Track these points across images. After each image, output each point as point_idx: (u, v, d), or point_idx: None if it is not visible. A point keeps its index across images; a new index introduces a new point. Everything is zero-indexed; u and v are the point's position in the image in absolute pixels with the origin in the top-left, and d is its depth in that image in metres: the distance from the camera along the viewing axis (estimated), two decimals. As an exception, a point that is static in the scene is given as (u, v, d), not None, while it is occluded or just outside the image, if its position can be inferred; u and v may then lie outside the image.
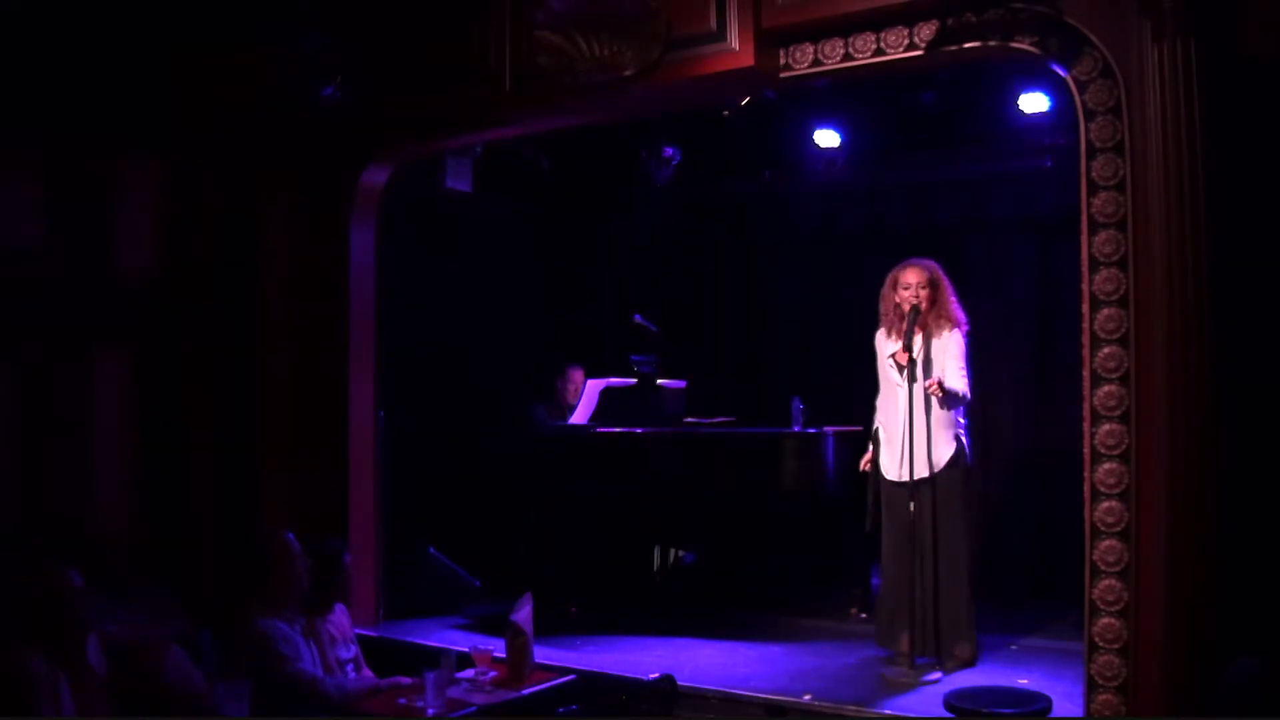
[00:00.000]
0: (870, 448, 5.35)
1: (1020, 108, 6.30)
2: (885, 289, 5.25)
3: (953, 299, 5.19)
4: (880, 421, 5.29)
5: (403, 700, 3.98)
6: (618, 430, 6.19)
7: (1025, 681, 4.83)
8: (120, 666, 3.50)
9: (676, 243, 8.49)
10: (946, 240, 7.03)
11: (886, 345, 5.24)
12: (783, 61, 4.92)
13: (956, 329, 5.14)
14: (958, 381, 5.03)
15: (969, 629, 5.12)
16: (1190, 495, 3.94)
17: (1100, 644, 4.16)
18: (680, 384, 6.74)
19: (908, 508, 4.96)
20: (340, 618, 4.43)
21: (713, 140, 7.36)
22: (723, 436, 6.22)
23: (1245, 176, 4.03)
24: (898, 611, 5.09)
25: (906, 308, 5.08)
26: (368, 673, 4.43)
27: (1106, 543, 4.15)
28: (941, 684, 4.82)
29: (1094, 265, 4.22)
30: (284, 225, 6.34)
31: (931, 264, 5.21)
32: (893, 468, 5.15)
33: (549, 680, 4.32)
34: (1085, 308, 4.24)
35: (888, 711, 4.53)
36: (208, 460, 6.27)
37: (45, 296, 5.81)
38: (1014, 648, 5.52)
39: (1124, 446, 4.13)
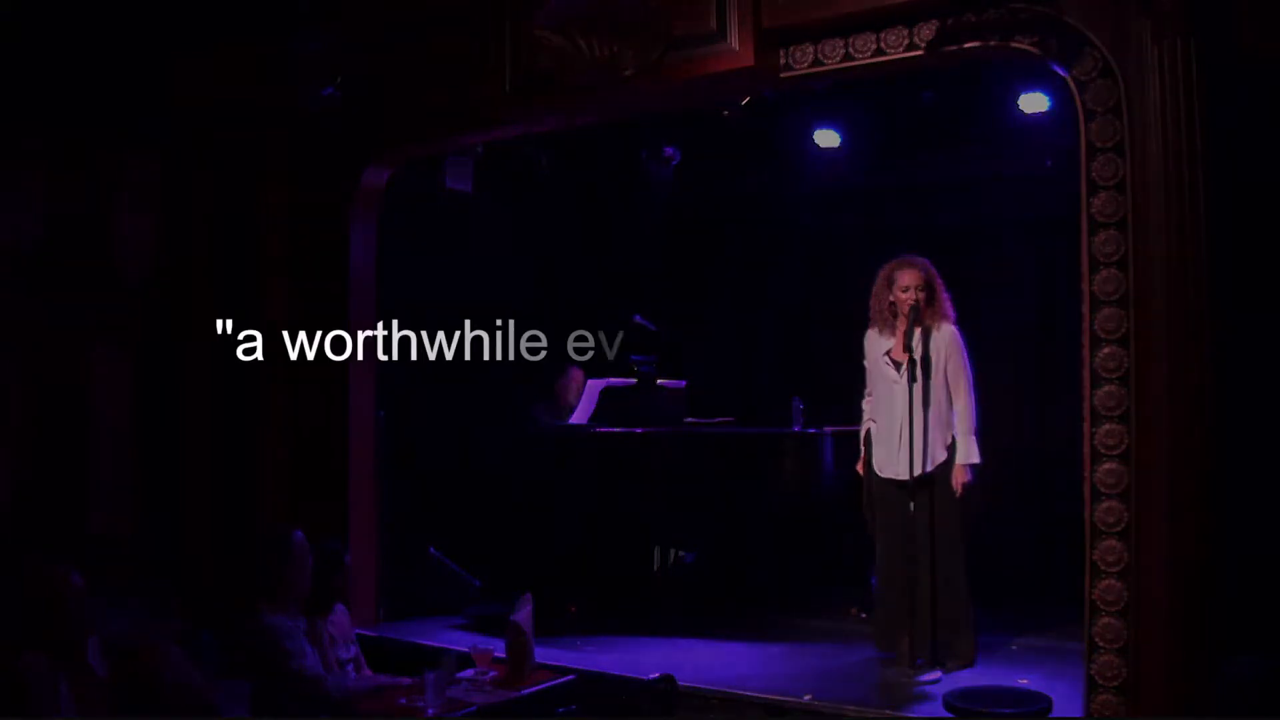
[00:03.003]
0: (863, 450, 5.34)
1: (1020, 108, 6.30)
2: (878, 287, 5.25)
3: (944, 295, 5.21)
4: (873, 420, 5.29)
5: (403, 700, 3.97)
6: (618, 430, 6.19)
7: (1025, 681, 4.83)
8: (120, 666, 3.50)
9: (676, 243, 8.49)
10: (946, 240, 7.01)
11: (880, 344, 5.24)
12: (783, 61, 4.92)
13: (951, 324, 5.16)
14: (962, 399, 5.08)
15: (968, 629, 5.12)
16: (1190, 495, 3.94)
17: (1100, 644, 4.16)
18: (680, 384, 6.74)
19: (906, 507, 4.96)
20: (340, 618, 4.43)
21: (713, 140, 7.36)
22: (722, 436, 6.22)
23: (1245, 176, 4.03)
24: (897, 612, 5.09)
25: (905, 308, 5.09)
26: (368, 673, 4.43)
27: (1106, 543, 4.15)
28: (941, 684, 4.82)
29: (1094, 265, 4.22)
30: (284, 225, 6.34)
31: (925, 262, 5.22)
32: (889, 466, 5.15)
33: (549, 680, 4.31)
34: (1085, 308, 4.24)
35: (888, 711, 4.53)
36: (208, 460, 6.28)
37: (45, 295, 5.81)
38: (1014, 648, 5.52)
39: (1124, 446, 4.13)
